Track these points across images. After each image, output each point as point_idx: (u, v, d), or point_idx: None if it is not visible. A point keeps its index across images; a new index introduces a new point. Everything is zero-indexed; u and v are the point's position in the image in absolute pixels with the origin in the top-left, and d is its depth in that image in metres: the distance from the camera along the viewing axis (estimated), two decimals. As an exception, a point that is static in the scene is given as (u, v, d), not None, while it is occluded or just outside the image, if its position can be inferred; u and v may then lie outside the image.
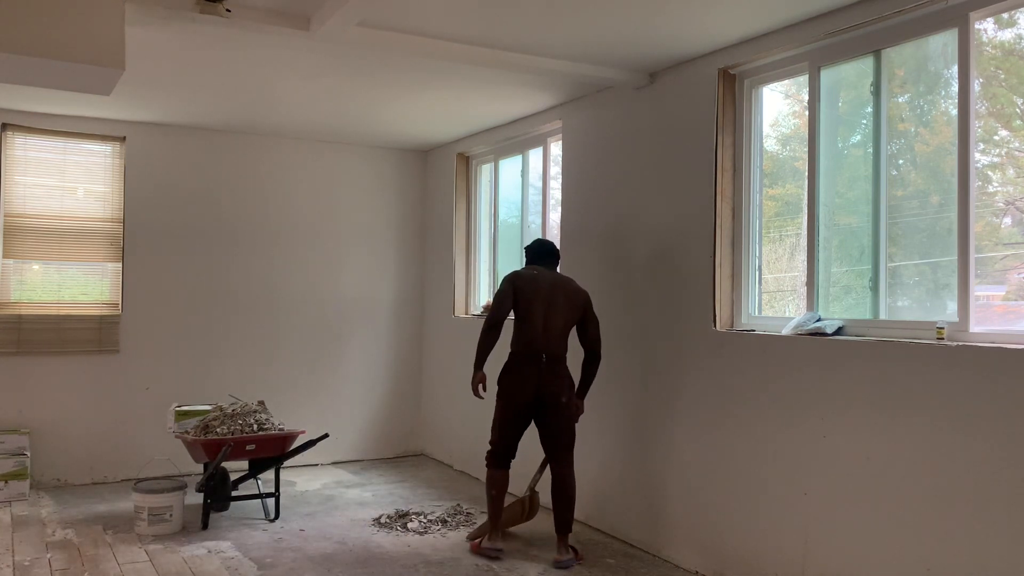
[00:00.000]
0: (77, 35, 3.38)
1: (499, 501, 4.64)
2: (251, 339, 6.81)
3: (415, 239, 7.56)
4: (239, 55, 4.64)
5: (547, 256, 4.86)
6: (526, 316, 4.60)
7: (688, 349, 4.48)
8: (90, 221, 6.31)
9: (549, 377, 4.55)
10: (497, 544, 4.63)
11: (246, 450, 5.17)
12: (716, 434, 4.28)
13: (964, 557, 3.13)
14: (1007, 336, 3.17)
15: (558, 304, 4.61)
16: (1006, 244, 3.42)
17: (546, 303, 4.60)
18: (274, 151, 6.93)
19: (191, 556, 4.56)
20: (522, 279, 4.66)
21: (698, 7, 3.79)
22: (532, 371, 4.53)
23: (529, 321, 4.59)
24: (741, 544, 4.11)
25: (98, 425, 6.28)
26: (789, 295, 4.38)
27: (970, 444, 3.13)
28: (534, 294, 4.60)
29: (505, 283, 4.67)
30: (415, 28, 4.16)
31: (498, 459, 4.64)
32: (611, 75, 4.73)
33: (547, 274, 4.73)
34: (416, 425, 7.55)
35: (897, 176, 3.73)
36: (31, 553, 4.56)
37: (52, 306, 6.18)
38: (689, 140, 4.51)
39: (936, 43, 3.53)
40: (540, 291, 4.62)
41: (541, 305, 4.60)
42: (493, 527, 4.66)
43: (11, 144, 6.09)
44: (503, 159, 6.65)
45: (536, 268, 4.77)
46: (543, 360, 4.55)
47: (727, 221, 4.38)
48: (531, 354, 4.55)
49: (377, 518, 5.31)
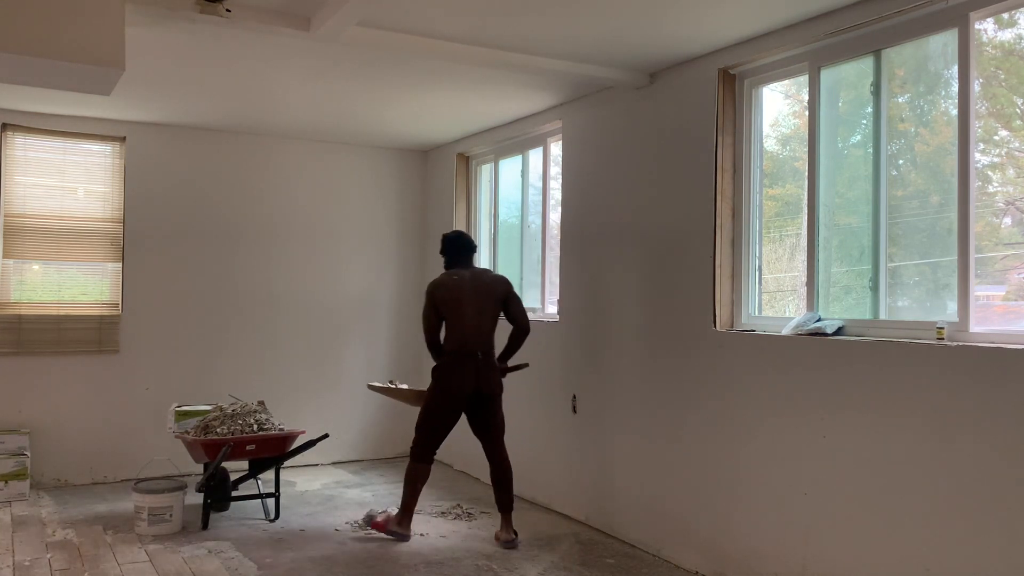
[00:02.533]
0: (77, 35, 3.38)
1: (419, 492, 4.89)
2: (251, 339, 6.81)
3: (415, 239, 7.56)
4: (239, 55, 4.64)
5: (465, 252, 5.06)
6: (457, 321, 4.84)
7: (688, 349, 4.48)
8: (90, 221, 6.31)
9: (486, 372, 4.81)
10: (406, 532, 4.87)
11: (246, 450, 5.17)
12: (716, 434, 4.28)
13: (964, 557, 3.13)
14: (1007, 336, 3.17)
15: (483, 302, 4.87)
16: (1006, 244, 3.42)
17: (472, 304, 4.85)
18: (274, 151, 6.93)
19: (191, 556, 4.56)
20: (441, 289, 4.90)
21: (698, 7, 3.79)
22: (470, 369, 4.77)
23: (460, 324, 4.83)
24: (741, 544, 4.11)
25: (98, 425, 6.28)
26: (789, 295, 4.38)
27: (970, 444, 3.13)
28: (458, 299, 4.85)
29: (427, 299, 4.93)
30: (415, 28, 4.16)
31: (427, 454, 4.85)
32: (611, 75, 4.73)
33: (465, 275, 4.94)
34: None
35: (897, 176, 3.73)
36: (31, 553, 4.56)
37: (52, 306, 6.18)
38: (689, 140, 4.51)
39: (936, 43, 3.53)
40: (464, 294, 4.86)
41: (468, 307, 4.84)
42: (408, 516, 4.88)
43: (11, 144, 6.09)
44: (503, 159, 6.64)
45: (455, 273, 4.97)
46: (479, 357, 4.80)
47: (727, 221, 4.38)
48: (467, 353, 4.79)
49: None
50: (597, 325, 5.19)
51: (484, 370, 4.80)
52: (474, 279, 4.92)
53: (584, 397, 5.30)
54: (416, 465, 4.84)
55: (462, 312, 4.82)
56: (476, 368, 4.78)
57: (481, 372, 4.79)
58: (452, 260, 5.06)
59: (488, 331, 4.88)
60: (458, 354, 4.80)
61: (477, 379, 4.78)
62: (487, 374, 4.81)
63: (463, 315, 4.82)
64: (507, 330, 4.99)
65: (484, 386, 4.79)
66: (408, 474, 4.86)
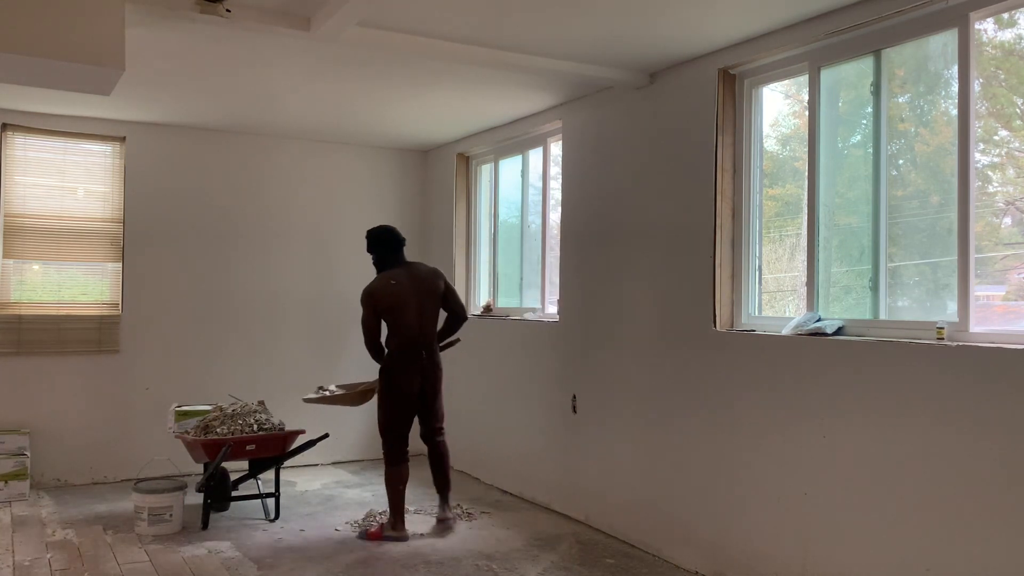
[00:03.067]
0: (77, 35, 3.38)
1: (404, 493, 4.98)
2: (251, 339, 6.81)
3: (415, 239, 7.54)
4: (239, 55, 4.64)
5: (397, 247, 5.09)
6: (400, 324, 4.92)
7: (688, 349, 4.48)
8: (90, 221, 6.31)
9: (431, 368, 5.01)
10: (403, 533, 4.91)
11: (246, 450, 5.17)
12: (716, 434, 4.28)
13: (964, 557, 3.13)
14: (1007, 336, 3.17)
15: (424, 302, 4.98)
16: (1006, 244, 3.42)
17: (415, 307, 4.94)
18: (274, 151, 6.93)
19: (191, 556, 4.56)
20: (378, 294, 4.92)
21: (698, 7, 3.79)
22: (416, 367, 4.94)
23: (404, 327, 4.92)
24: (741, 544, 4.11)
25: (98, 425, 6.28)
26: (789, 295, 4.38)
27: (970, 444, 3.13)
28: (401, 305, 4.91)
29: (366, 308, 4.93)
30: (415, 28, 4.16)
31: (399, 455, 4.97)
32: (611, 75, 4.72)
33: (403, 277, 4.98)
34: (416, 425, 7.52)
35: (897, 176, 3.73)
36: (31, 553, 4.56)
37: (52, 306, 6.18)
38: (689, 140, 4.51)
39: (936, 43, 3.53)
40: (405, 299, 4.92)
41: (410, 311, 4.93)
42: (400, 517, 4.94)
43: (11, 144, 6.09)
44: (503, 159, 6.64)
45: (392, 276, 4.98)
46: (423, 355, 4.96)
47: (727, 221, 4.37)
48: (412, 351, 4.93)
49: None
50: (597, 325, 5.19)
51: (429, 368, 4.99)
52: (412, 280, 4.98)
53: (584, 397, 5.30)
54: (394, 469, 4.95)
55: (405, 316, 4.91)
56: (422, 368, 4.95)
57: (426, 371, 4.97)
58: (383, 258, 5.07)
59: (431, 329, 5.02)
60: (405, 354, 4.92)
61: (423, 378, 4.97)
62: (432, 372, 5.01)
63: (407, 318, 4.92)
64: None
65: (428, 385, 5.01)
66: (389, 479, 4.96)
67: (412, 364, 4.92)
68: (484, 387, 6.45)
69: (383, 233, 5.11)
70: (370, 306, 4.91)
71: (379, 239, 5.09)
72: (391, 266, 5.06)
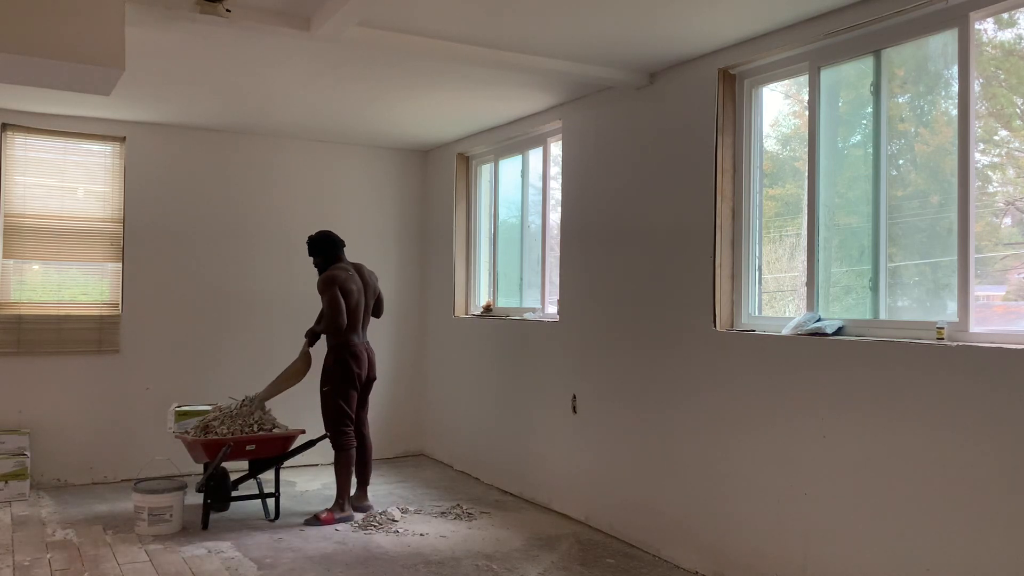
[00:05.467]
0: (77, 35, 3.37)
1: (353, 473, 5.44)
2: (251, 339, 6.81)
3: (415, 239, 7.56)
4: (239, 55, 4.64)
5: (340, 248, 5.54)
6: (353, 312, 5.37)
7: (688, 349, 4.48)
8: (90, 221, 6.31)
9: (372, 358, 5.56)
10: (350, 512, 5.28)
11: (246, 450, 5.18)
12: (716, 434, 4.28)
13: (965, 557, 3.13)
14: (1007, 336, 3.17)
15: (368, 297, 5.52)
16: (1006, 244, 3.42)
17: (361, 297, 5.44)
18: (274, 151, 6.93)
19: (191, 556, 4.56)
20: (339, 280, 5.33)
21: (698, 7, 3.79)
22: (364, 356, 5.44)
23: (355, 316, 5.39)
24: (741, 544, 4.11)
25: (98, 425, 6.28)
26: (789, 295, 4.38)
27: (970, 444, 3.13)
28: (352, 290, 5.36)
29: (329, 289, 5.30)
30: (415, 28, 4.16)
31: (351, 438, 5.35)
32: (611, 75, 4.73)
33: (351, 269, 5.47)
34: (416, 425, 7.54)
35: (897, 176, 3.73)
36: (31, 553, 4.56)
37: (52, 306, 6.18)
38: (689, 140, 4.51)
39: (936, 43, 3.53)
40: (356, 287, 5.41)
41: (360, 299, 5.42)
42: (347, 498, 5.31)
43: (11, 144, 6.09)
44: (503, 159, 6.64)
45: (346, 267, 5.44)
46: (368, 344, 5.54)
47: (727, 221, 4.38)
48: (360, 341, 5.44)
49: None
50: (597, 325, 5.19)
51: (371, 356, 5.54)
52: (361, 275, 5.51)
53: (584, 397, 5.30)
54: (347, 454, 5.31)
55: (357, 305, 5.39)
56: (368, 356, 5.50)
57: (370, 359, 5.52)
58: (330, 258, 5.50)
59: (367, 323, 5.57)
60: (354, 345, 5.38)
61: (370, 367, 5.51)
62: (373, 360, 5.55)
63: (357, 307, 5.41)
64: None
65: (371, 371, 5.53)
66: (342, 463, 5.29)
67: (361, 354, 5.40)
68: (484, 387, 6.44)
69: (328, 236, 5.55)
70: (334, 288, 5.29)
71: (326, 241, 5.52)
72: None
